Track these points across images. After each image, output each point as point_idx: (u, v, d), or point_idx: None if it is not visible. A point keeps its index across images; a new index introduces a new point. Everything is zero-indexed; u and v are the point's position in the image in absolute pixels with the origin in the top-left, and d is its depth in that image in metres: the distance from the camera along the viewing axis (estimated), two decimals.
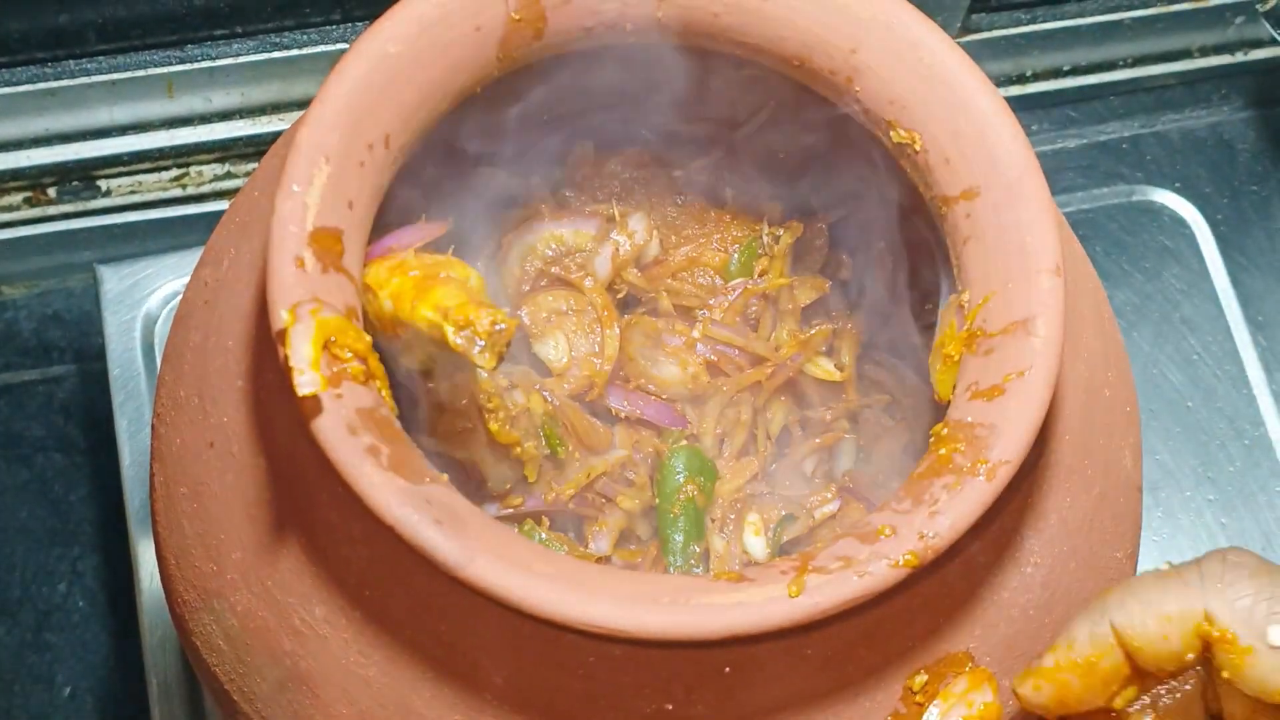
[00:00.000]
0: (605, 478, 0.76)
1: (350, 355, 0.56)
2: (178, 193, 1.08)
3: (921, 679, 0.60)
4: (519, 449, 0.71)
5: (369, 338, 0.57)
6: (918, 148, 0.64)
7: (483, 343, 0.60)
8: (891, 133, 0.64)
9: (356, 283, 0.59)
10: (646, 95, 0.76)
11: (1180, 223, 1.08)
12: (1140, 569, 0.71)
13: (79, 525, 1.03)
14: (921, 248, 0.75)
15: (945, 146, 0.63)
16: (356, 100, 0.59)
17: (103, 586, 1.02)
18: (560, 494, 0.74)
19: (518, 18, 0.63)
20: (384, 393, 0.57)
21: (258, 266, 0.64)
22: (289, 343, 0.55)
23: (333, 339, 0.55)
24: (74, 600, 1.01)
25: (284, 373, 0.54)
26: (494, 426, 0.69)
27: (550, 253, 0.80)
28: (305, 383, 0.54)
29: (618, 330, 0.78)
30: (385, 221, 0.63)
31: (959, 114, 0.63)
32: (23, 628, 1.00)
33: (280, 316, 0.55)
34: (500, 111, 0.73)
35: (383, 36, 0.60)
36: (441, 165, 0.73)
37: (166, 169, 1.08)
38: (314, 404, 0.54)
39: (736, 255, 0.80)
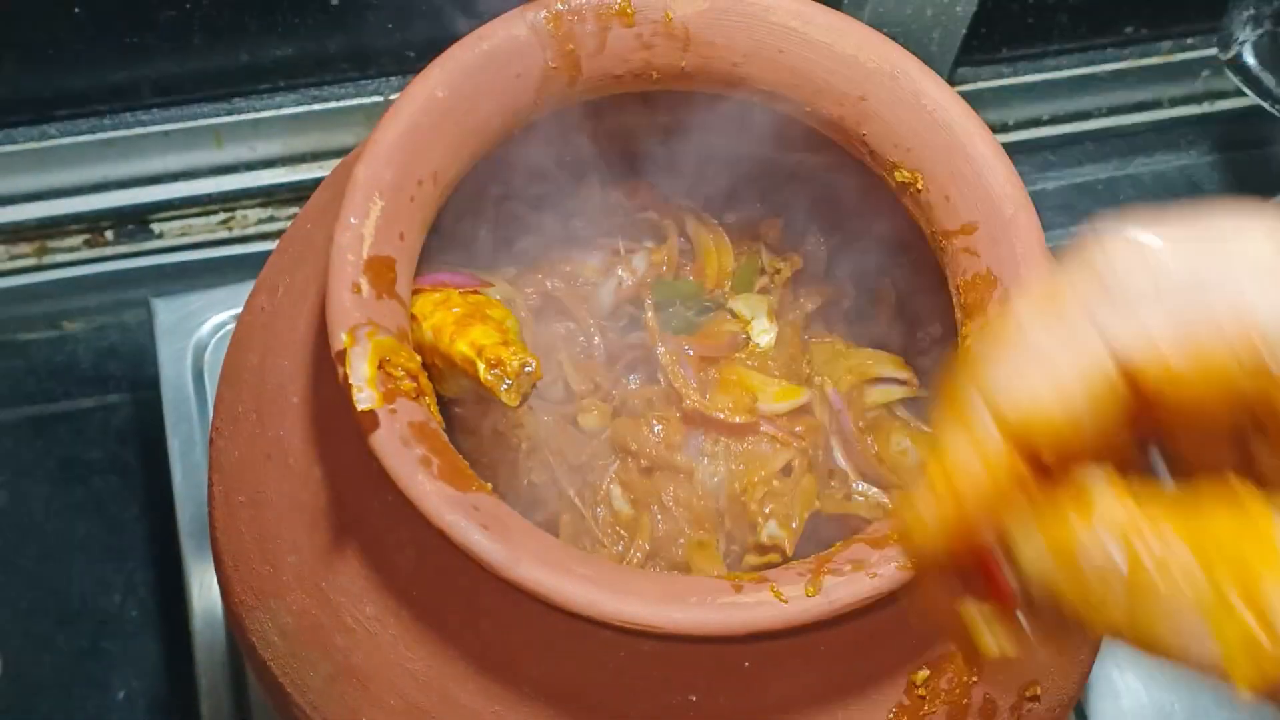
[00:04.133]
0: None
1: (403, 374, 0.56)
2: (224, 235, 1.09)
3: (923, 674, 0.60)
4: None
5: (419, 357, 0.58)
6: (919, 187, 0.65)
7: (510, 381, 0.60)
8: (895, 173, 0.65)
9: (407, 308, 0.60)
10: (658, 136, 0.76)
11: None
12: None
13: (132, 541, 1.03)
14: (919, 279, 0.76)
15: (945, 185, 0.64)
16: (408, 140, 0.60)
17: (154, 598, 1.02)
18: None
19: (554, 66, 0.64)
20: (433, 408, 0.58)
21: (311, 293, 0.65)
22: (348, 362, 0.55)
23: (387, 359, 0.56)
24: (128, 611, 1.01)
25: (343, 390, 0.55)
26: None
27: (558, 283, 0.80)
28: (363, 399, 0.55)
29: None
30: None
31: (958, 156, 0.64)
32: (80, 636, 1.00)
33: (339, 338, 0.56)
34: (525, 149, 0.74)
35: (431, 81, 0.61)
36: (471, 198, 0.74)
37: (214, 213, 1.09)
38: (371, 418, 0.55)
39: (735, 272, 0.80)
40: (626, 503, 0.72)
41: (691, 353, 0.75)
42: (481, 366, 0.60)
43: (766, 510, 0.71)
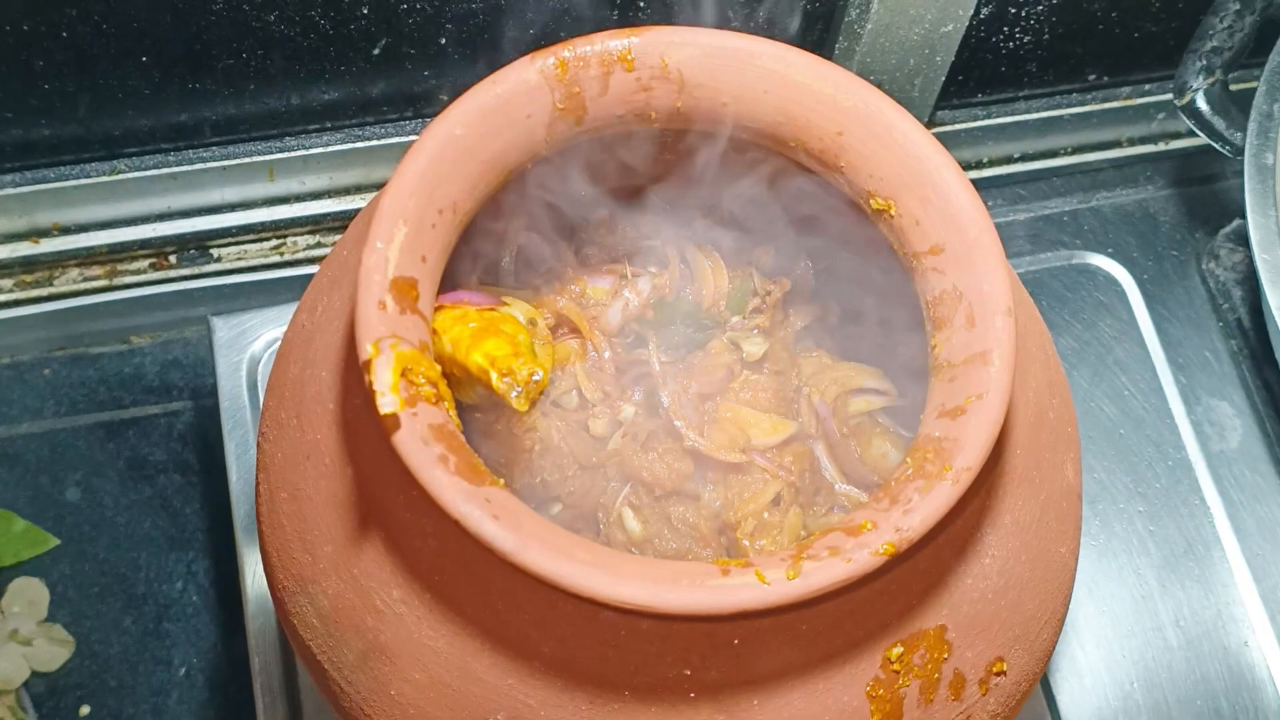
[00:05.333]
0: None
1: (423, 381, 0.56)
2: (276, 259, 1.09)
3: (898, 650, 0.60)
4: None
5: (439, 367, 0.58)
6: (893, 213, 0.64)
7: (520, 389, 0.60)
8: (871, 200, 0.65)
9: (428, 323, 0.59)
10: (659, 170, 0.76)
11: (1113, 282, 1.09)
12: (1080, 569, 0.71)
13: (193, 534, 1.04)
14: (897, 298, 0.75)
15: (916, 211, 0.63)
16: (429, 173, 0.60)
17: (212, 585, 1.02)
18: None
19: (562, 107, 0.64)
20: (451, 412, 0.57)
21: (346, 312, 0.65)
22: (373, 371, 0.55)
23: (409, 368, 0.56)
24: (189, 596, 1.02)
25: (369, 396, 0.55)
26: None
27: (571, 304, 0.80)
28: (386, 403, 0.55)
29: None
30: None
31: (926, 184, 0.63)
32: (146, 619, 1.01)
33: (366, 349, 0.56)
34: (542, 185, 0.74)
35: (450, 121, 0.61)
36: (494, 227, 0.74)
37: (267, 240, 1.09)
38: (393, 421, 0.55)
39: (730, 294, 0.80)
40: (638, 524, 0.72)
41: (693, 389, 0.75)
42: (494, 375, 0.60)
43: (758, 546, 0.71)
